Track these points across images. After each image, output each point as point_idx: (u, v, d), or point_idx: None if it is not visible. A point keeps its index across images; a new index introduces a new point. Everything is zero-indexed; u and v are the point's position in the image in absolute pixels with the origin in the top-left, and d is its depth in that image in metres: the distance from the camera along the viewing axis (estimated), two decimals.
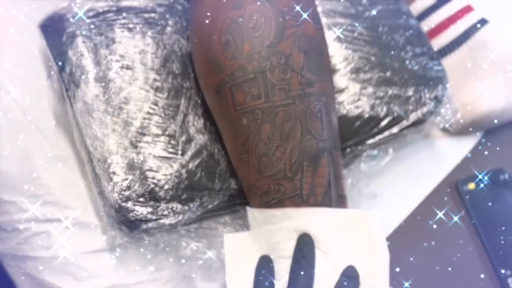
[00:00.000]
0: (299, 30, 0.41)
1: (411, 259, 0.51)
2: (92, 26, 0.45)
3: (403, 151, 0.56)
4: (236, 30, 0.40)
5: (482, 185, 0.54)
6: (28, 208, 0.47)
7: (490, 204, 0.53)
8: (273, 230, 0.40)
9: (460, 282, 0.51)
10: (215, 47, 0.41)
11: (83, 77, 0.44)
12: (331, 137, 0.42)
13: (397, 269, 0.48)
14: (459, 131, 0.58)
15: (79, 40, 0.45)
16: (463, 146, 0.58)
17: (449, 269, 0.51)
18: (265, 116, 0.40)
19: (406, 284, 0.48)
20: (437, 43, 0.59)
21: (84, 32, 0.45)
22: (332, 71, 0.50)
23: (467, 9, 0.59)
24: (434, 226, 0.52)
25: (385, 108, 0.49)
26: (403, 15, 0.54)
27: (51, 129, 0.50)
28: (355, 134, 0.49)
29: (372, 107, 0.49)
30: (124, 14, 0.47)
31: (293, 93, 0.40)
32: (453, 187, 0.55)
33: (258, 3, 0.41)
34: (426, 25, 0.59)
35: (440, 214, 0.52)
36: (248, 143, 0.41)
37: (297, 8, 0.41)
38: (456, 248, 0.52)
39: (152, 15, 0.48)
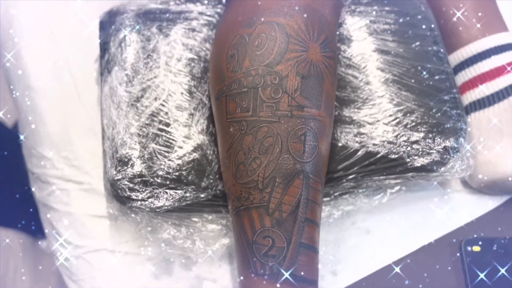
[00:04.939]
0: (301, 55, 0.43)
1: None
2: (135, 24, 0.52)
3: (411, 194, 0.54)
4: (242, 46, 0.44)
5: (488, 251, 0.50)
6: (58, 167, 0.56)
7: (488, 272, 0.49)
8: None
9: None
10: (222, 58, 0.45)
11: (116, 65, 0.51)
12: (313, 162, 0.43)
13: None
14: (481, 189, 0.54)
15: (121, 33, 0.52)
16: (482, 206, 0.54)
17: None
18: (249, 129, 0.43)
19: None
20: (478, 93, 0.55)
21: (127, 28, 0.52)
22: (350, 102, 0.51)
23: None
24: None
25: (387, 146, 0.48)
26: (437, 59, 0.52)
27: (92, 106, 0.58)
28: (352, 166, 0.49)
29: (374, 144, 0.49)
30: (168, 16, 0.53)
31: (280, 113, 0.42)
32: (456, 244, 0.52)
33: (269, 24, 0.44)
34: (471, 72, 0.56)
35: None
36: (231, 150, 0.44)
37: (303, 35, 0.43)
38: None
39: (192, 22, 0.53)
